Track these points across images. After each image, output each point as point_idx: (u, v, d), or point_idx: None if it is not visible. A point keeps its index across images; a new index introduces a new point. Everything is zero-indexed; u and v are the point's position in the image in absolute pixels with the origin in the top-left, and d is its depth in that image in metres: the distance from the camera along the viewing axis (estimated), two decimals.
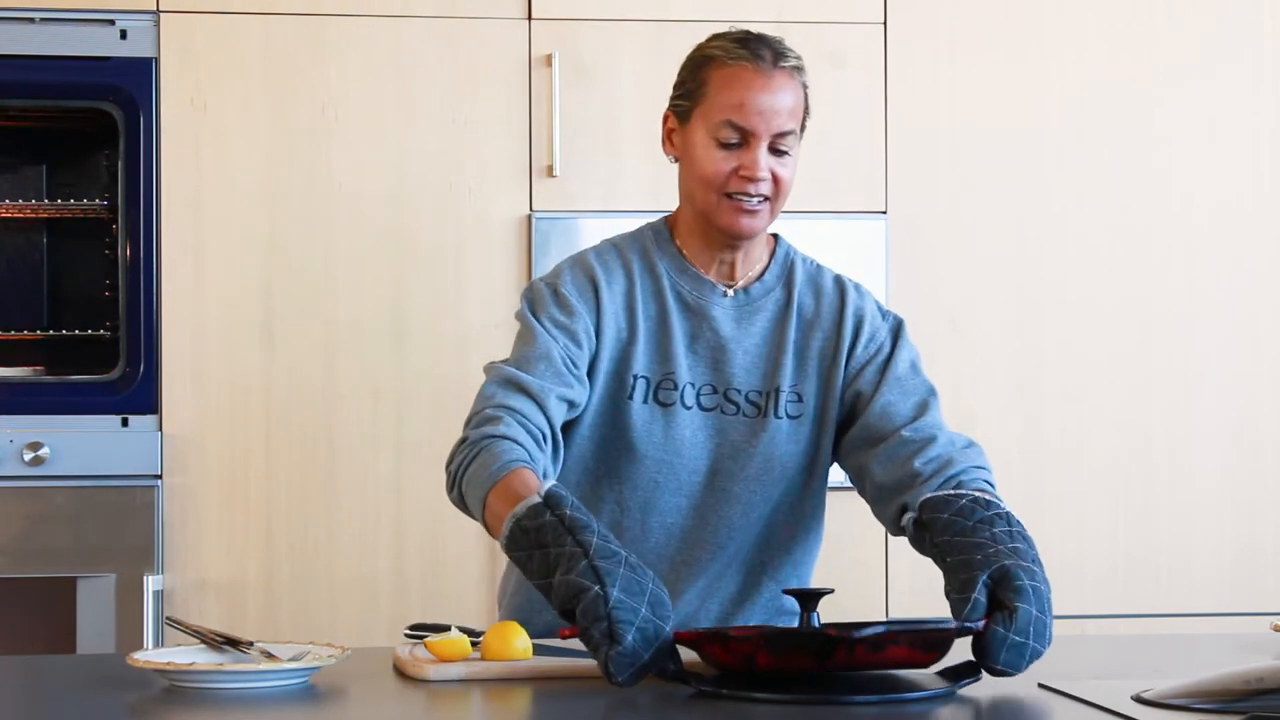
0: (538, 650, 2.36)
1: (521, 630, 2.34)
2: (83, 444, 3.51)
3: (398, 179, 3.64)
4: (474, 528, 3.63)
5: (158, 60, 3.58)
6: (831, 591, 2.25)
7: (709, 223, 2.44)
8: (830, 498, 3.70)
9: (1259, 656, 2.39)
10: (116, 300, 3.62)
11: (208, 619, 3.46)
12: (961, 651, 2.19)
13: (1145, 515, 3.81)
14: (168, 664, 2.20)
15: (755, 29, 3.77)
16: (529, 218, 3.65)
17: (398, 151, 3.64)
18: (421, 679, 2.24)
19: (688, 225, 2.50)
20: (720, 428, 2.46)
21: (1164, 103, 3.83)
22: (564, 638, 2.23)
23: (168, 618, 3.42)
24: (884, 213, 3.74)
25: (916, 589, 3.74)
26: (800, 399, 2.47)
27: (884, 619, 3.63)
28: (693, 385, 2.45)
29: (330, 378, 3.61)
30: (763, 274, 2.51)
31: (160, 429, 3.55)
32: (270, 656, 2.28)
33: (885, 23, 3.75)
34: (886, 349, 2.51)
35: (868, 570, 3.72)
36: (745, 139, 2.40)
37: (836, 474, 3.68)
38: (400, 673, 2.31)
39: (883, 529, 3.71)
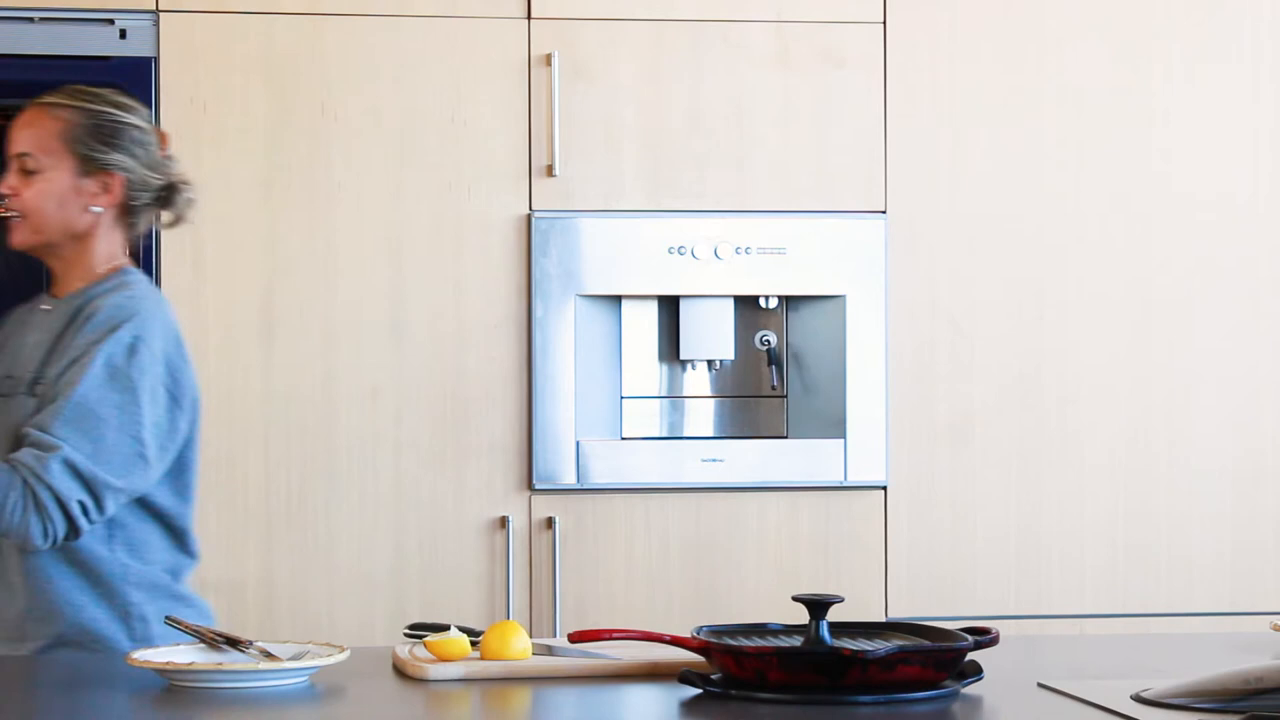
0: (537, 650, 2.36)
1: (521, 630, 2.34)
2: None
3: (397, 178, 3.64)
4: (474, 528, 3.64)
5: (157, 60, 3.58)
6: (841, 600, 2.25)
7: None
8: (829, 498, 3.72)
9: (1258, 656, 2.39)
10: None
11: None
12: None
13: (1145, 515, 3.81)
14: (167, 663, 2.20)
15: (754, 29, 3.78)
16: (528, 217, 3.66)
17: (397, 151, 3.64)
18: (421, 679, 2.24)
19: None
20: (6, 407, 2.73)
21: (1164, 103, 3.83)
22: (571, 640, 2.24)
23: (167, 617, 3.42)
24: (883, 212, 3.74)
25: (916, 589, 3.74)
26: (44, 381, 2.71)
27: (884, 619, 3.63)
28: (9, 377, 2.77)
29: (330, 377, 3.61)
30: (81, 289, 2.78)
31: None
32: (270, 656, 2.28)
33: (885, 22, 3.75)
34: (74, 354, 2.69)
35: (868, 570, 3.72)
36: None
37: (831, 476, 3.70)
38: (400, 672, 2.31)
39: (882, 529, 3.73)
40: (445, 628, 2.38)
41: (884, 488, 3.73)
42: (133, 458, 2.63)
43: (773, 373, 3.74)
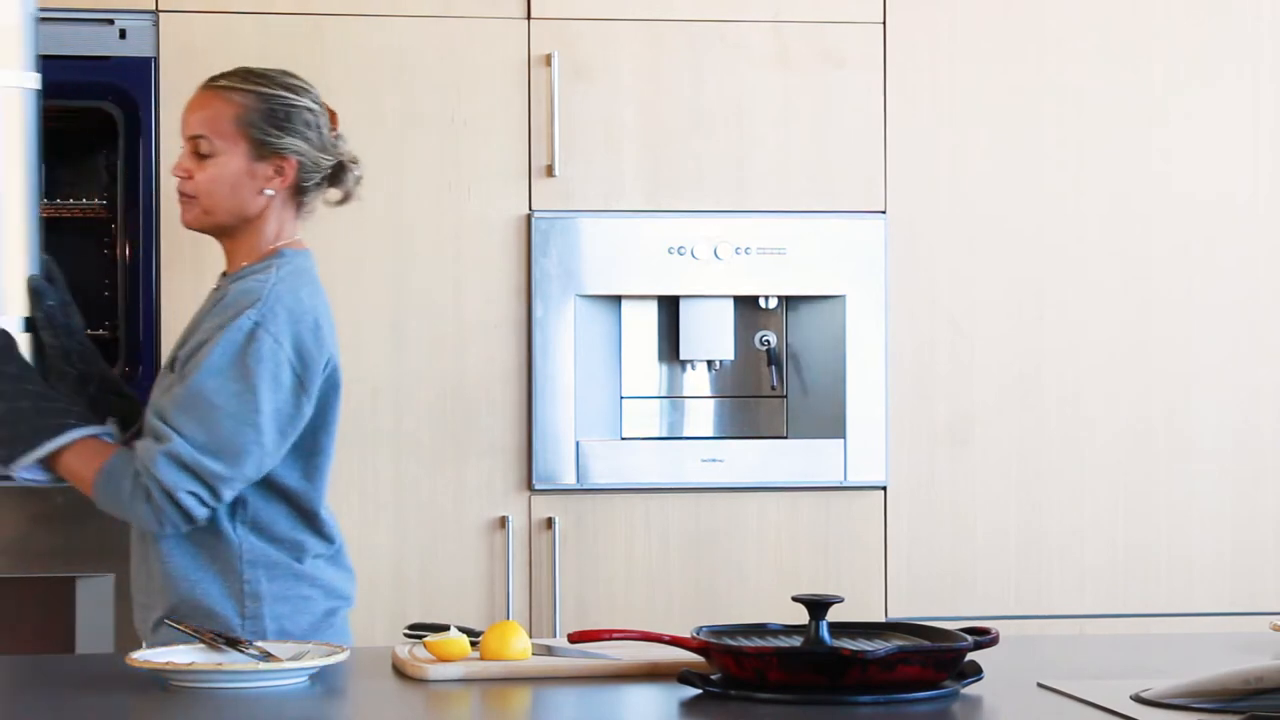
0: (537, 650, 2.36)
1: (521, 630, 2.34)
2: None
3: (397, 178, 3.64)
4: (474, 528, 3.64)
5: (157, 60, 3.57)
6: (841, 600, 2.25)
7: None
8: (829, 498, 3.72)
9: (1258, 656, 2.39)
10: (115, 300, 3.61)
11: None
12: None
13: (1145, 515, 3.81)
14: (167, 664, 2.20)
15: (754, 29, 3.78)
16: (528, 217, 3.65)
17: (397, 151, 3.64)
18: (421, 679, 2.24)
19: None
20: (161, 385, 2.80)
21: (1164, 103, 3.83)
22: (571, 641, 2.24)
23: (167, 618, 3.42)
24: (883, 212, 3.74)
25: (916, 589, 3.74)
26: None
27: (884, 619, 3.63)
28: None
29: None
30: (231, 273, 2.88)
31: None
32: (269, 656, 2.28)
33: (885, 22, 3.75)
34: (198, 339, 2.76)
35: (867, 570, 3.72)
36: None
37: (831, 476, 3.70)
38: (399, 672, 2.31)
39: (881, 529, 3.72)
40: (445, 628, 2.38)
41: (884, 488, 3.73)
42: (248, 446, 2.67)
43: (772, 373, 3.74)
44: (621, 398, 3.73)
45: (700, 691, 2.12)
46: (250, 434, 2.67)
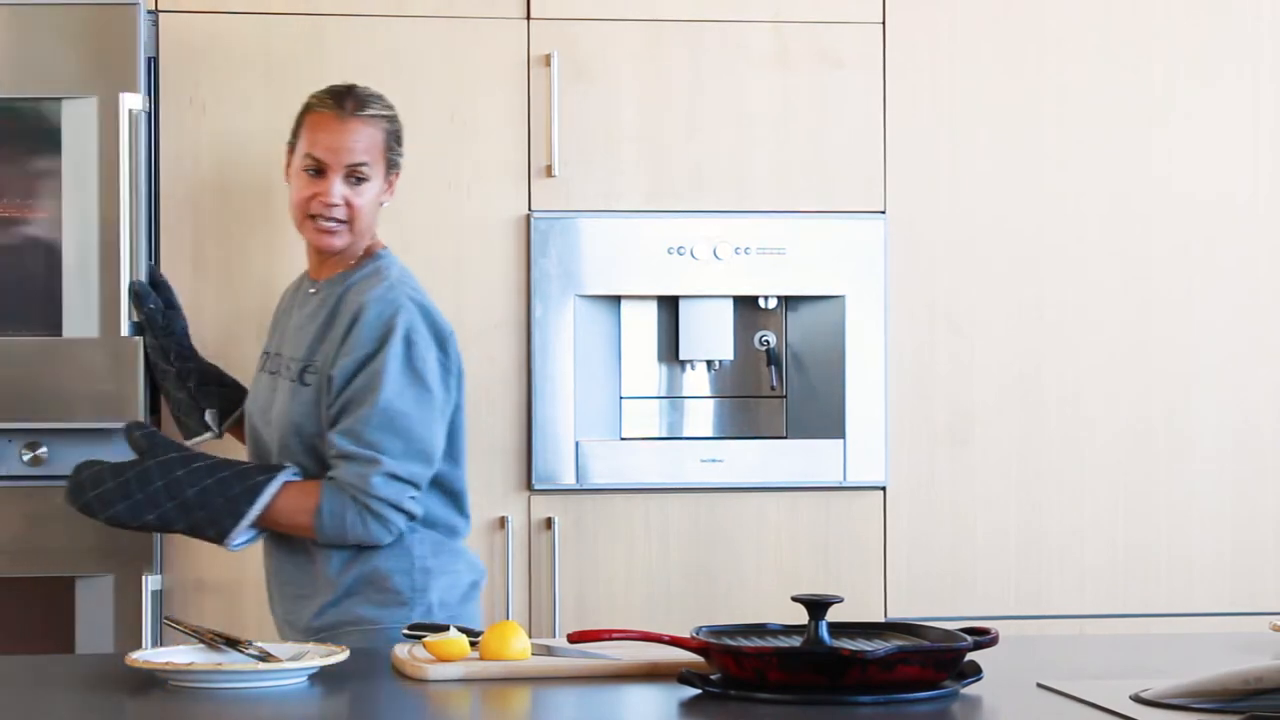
0: (537, 650, 2.36)
1: (520, 630, 2.34)
2: (82, 444, 3.50)
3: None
4: (474, 528, 3.63)
5: (157, 60, 3.57)
6: (840, 600, 2.25)
7: (304, 237, 3.11)
8: (829, 498, 3.72)
9: (1258, 656, 2.39)
10: None
11: (206, 619, 3.45)
12: None
13: (1145, 515, 3.81)
14: (166, 664, 2.21)
15: (754, 29, 3.78)
16: (528, 217, 3.65)
17: None
18: (420, 679, 2.24)
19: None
20: (275, 385, 3.05)
21: (1163, 102, 3.83)
22: (571, 641, 2.24)
23: (166, 617, 3.42)
24: (883, 212, 3.74)
25: (916, 589, 3.74)
26: (315, 370, 2.99)
27: (883, 619, 3.63)
28: (273, 355, 3.11)
29: None
30: (334, 276, 3.08)
31: (159, 429, 3.55)
32: (269, 656, 2.28)
33: (884, 23, 3.75)
34: (360, 354, 2.96)
35: (867, 570, 3.72)
36: (322, 171, 3.04)
37: (831, 476, 3.69)
38: (399, 672, 2.31)
39: (881, 529, 3.72)
40: (445, 628, 2.38)
41: (883, 488, 3.73)
42: (434, 441, 2.96)
43: (772, 373, 3.74)
44: (621, 398, 3.73)
45: (700, 691, 2.12)
46: (434, 430, 2.95)
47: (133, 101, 3.44)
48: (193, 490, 2.89)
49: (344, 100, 3.06)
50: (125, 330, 3.45)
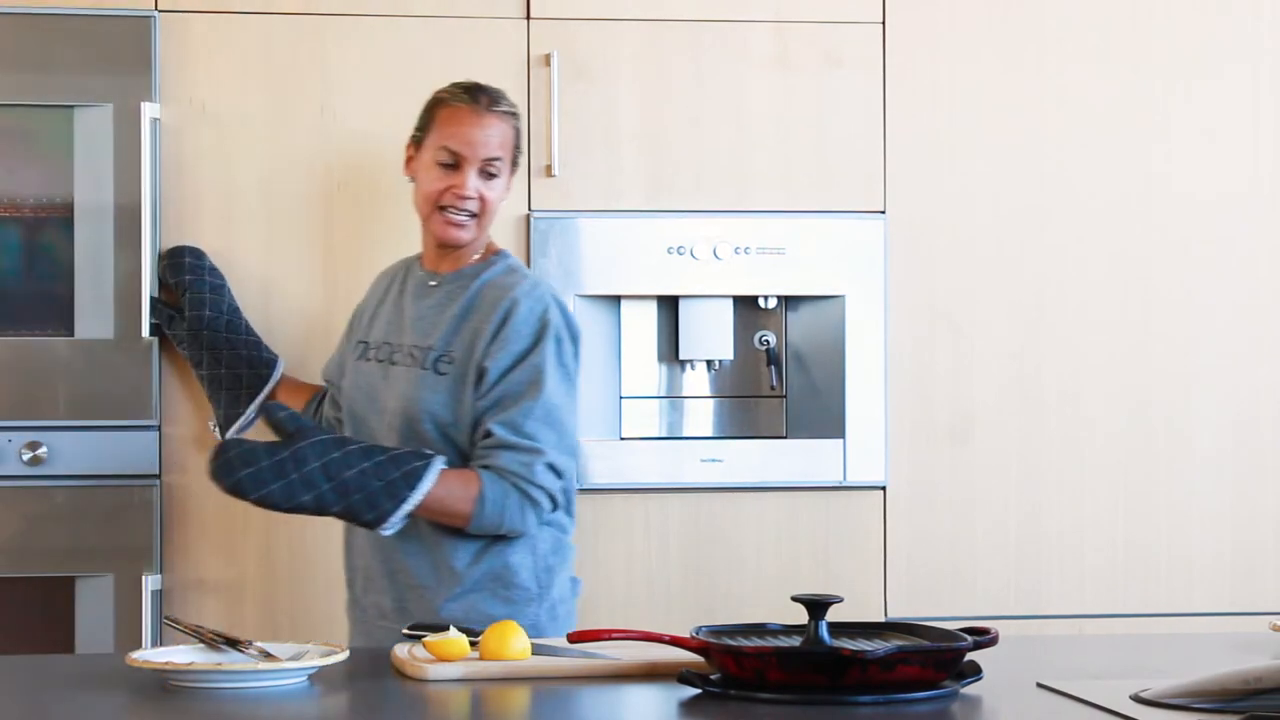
0: (537, 650, 2.36)
1: (520, 630, 2.34)
2: (81, 444, 3.51)
3: (397, 178, 3.63)
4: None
5: (157, 60, 3.57)
6: (840, 600, 2.25)
7: (429, 230, 3.13)
8: (829, 498, 3.72)
9: (1258, 656, 2.39)
10: None
11: (206, 619, 3.46)
12: None
13: (1144, 515, 3.81)
14: (166, 664, 2.21)
15: (754, 29, 3.78)
16: (527, 217, 3.65)
17: (397, 151, 3.63)
18: (420, 679, 2.25)
19: (423, 235, 3.19)
20: (392, 374, 3.07)
21: (1163, 102, 3.83)
22: (571, 641, 2.24)
23: (166, 617, 3.42)
24: (882, 212, 3.74)
25: (916, 589, 3.74)
26: (451, 360, 3.03)
27: (883, 619, 3.63)
28: (384, 344, 3.13)
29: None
30: (461, 269, 3.12)
31: (159, 428, 3.55)
32: (269, 656, 2.28)
33: (884, 22, 3.75)
34: (518, 348, 3.01)
35: (867, 570, 3.72)
36: (459, 164, 3.07)
37: (830, 476, 3.69)
38: (399, 672, 2.31)
39: (881, 529, 3.72)
40: (445, 628, 2.38)
41: (883, 488, 3.73)
42: (576, 434, 3.08)
43: (772, 373, 3.74)
44: (621, 398, 3.73)
45: (700, 691, 2.12)
46: (575, 423, 3.06)
47: (153, 111, 3.51)
48: (350, 473, 2.85)
49: (478, 95, 3.10)
50: (145, 332, 3.47)
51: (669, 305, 3.74)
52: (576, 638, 2.25)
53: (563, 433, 2.99)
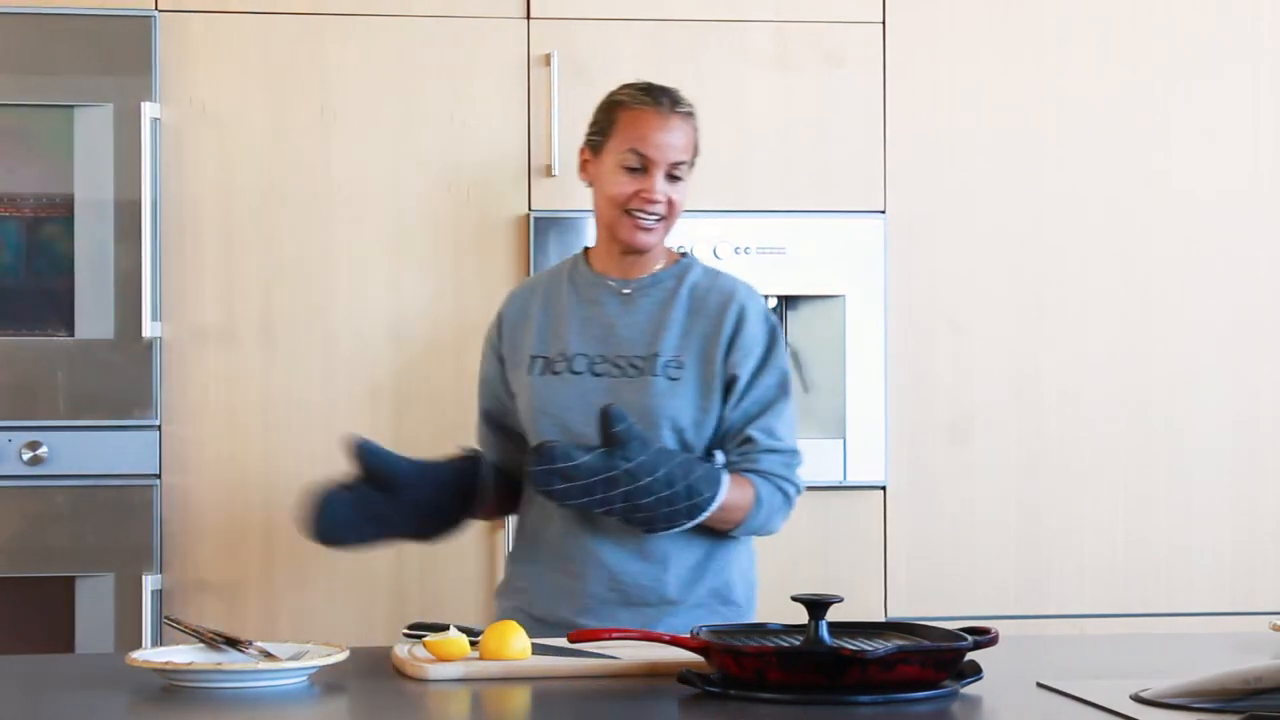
0: (537, 650, 2.36)
1: (520, 630, 2.34)
2: (81, 443, 3.51)
3: (396, 178, 3.64)
4: (474, 527, 3.64)
5: (157, 60, 3.57)
6: (840, 600, 2.25)
7: (614, 236, 2.98)
8: (829, 498, 3.72)
9: (1258, 656, 2.39)
10: None
11: (206, 618, 3.45)
12: None
13: (1144, 515, 3.81)
14: (166, 663, 2.21)
15: (754, 29, 3.78)
16: (527, 217, 3.65)
17: (396, 151, 3.64)
18: (420, 678, 2.25)
19: (601, 239, 3.04)
20: (612, 387, 2.93)
21: (1163, 102, 3.83)
22: (571, 640, 2.24)
23: (166, 617, 3.42)
24: (882, 212, 3.74)
25: (916, 589, 3.74)
26: (682, 365, 2.93)
27: (883, 619, 3.63)
28: (585, 356, 2.97)
29: (328, 377, 3.61)
30: (654, 272, 3.02)
31: (159, 428, 3.55)
32: (269, 656, 2.28)
33: (884, 22, 3.75)
34: (760, 352, 2.97)
35: (867, 570, 3.72)
36: (646, 167, 2.95)
37: (831, 476, 3.69)
38: (399, 672, 2.31)
39: (881, 528, 3.72)
40: (445, 628, 2.38)
41: (883, 487, 3.73)
42: None
43: None
44: None
45: (700, 691, 2.12)
46: None
47: (154, 111, 3.49)
48: (663, 470, 2.79)
49: (660, 97, 2.99)
50: (145, 331, 3.48)
51: None
52: (576, 638, 2.25)
53: (795, 433, 2.99)
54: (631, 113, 2.98)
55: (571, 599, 2.91)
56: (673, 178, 2.96)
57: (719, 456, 2.95)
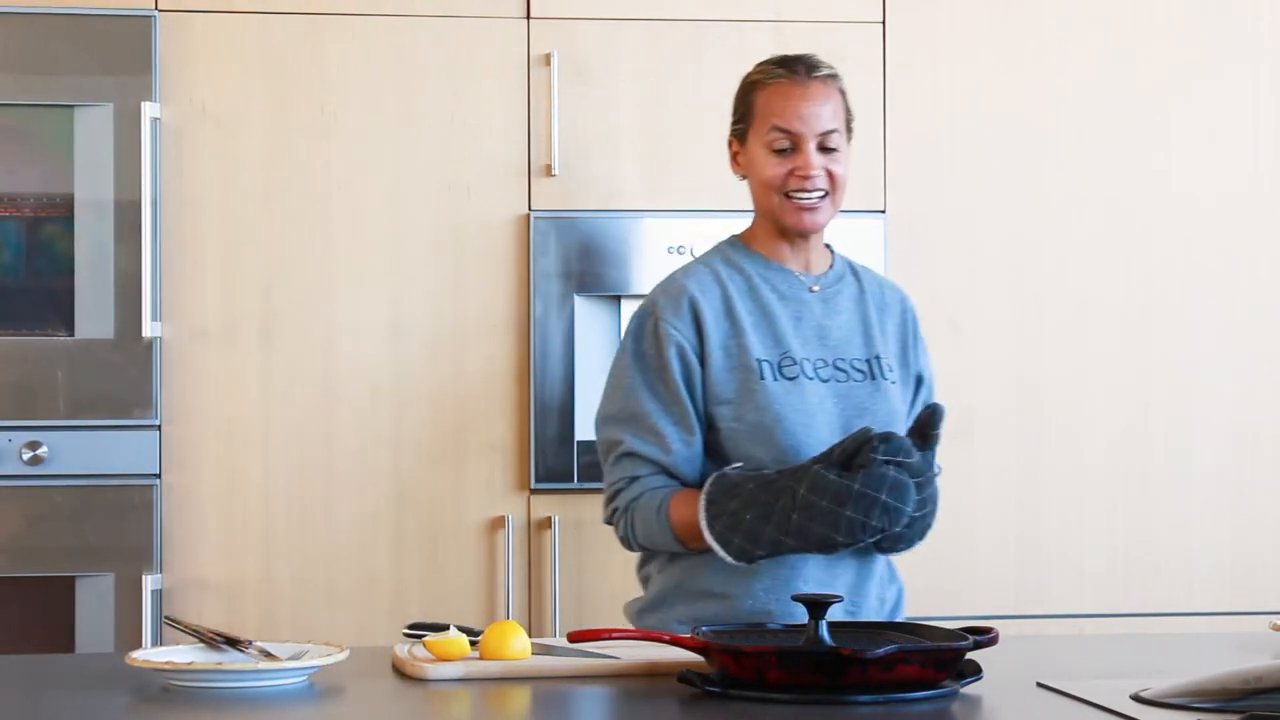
0: (536, 650, 2.36)
1: (520, 630, 2.34)
2: (81, 443, 3.51)
3: (396, 178, 3.64)
4: (473, 527, 3.64)
5: (157, 60, 3.58)
6: (841, 599, 2.25)
7: (778, 222, 2.77)
8: None
9: (1258, 656, 2.39)
10: None
11: (206, 618, 3.46)
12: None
13: (1144, 515, 3.80)
14: (166, 663, 2.20)
15: (754, 29, 3.78)
16: (527, 217, 3.65)
17: (396, 151, 3.64)
18: (420, 679, 2.25)
19: (765, 231, 2.82)
20: (842, 393, 2.77)
21: (1163, 102, 3.83)
22: (570, 640, 2.24)
23: (166, 617, 3.42)
24: (882, 212, 3.74)
25: (916, 588, 3.73)
26: (893, 368, 2.84)
27: (883, 619, 3.62)
28: (808, 360, 2.76)
29: (329, 377, 3.61)
30: (831, 267, 2.85)
31: (159, 428, 3.55)
32: (269, 656, 2.28)
33: (884, 22, 3.75)
34: (923, 342, 2.93)
35: None
36: (795, 143, 2.74)
37: None
38: (399, 672, 2.31)
39: None
40: (444, 627, 2.38)
41: None
42: None
43: None
44: None
45: (700, 691, 2.12)
46: None
47: (154, 110, 3.49)
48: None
49: (795, 65, 2.77)
50: (145, 331, 3.48)
51: None
52: (576, 637, 2.25)
53: None
54: (768, 89, 2.77)
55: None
56: (826, 150, 2.73)
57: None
